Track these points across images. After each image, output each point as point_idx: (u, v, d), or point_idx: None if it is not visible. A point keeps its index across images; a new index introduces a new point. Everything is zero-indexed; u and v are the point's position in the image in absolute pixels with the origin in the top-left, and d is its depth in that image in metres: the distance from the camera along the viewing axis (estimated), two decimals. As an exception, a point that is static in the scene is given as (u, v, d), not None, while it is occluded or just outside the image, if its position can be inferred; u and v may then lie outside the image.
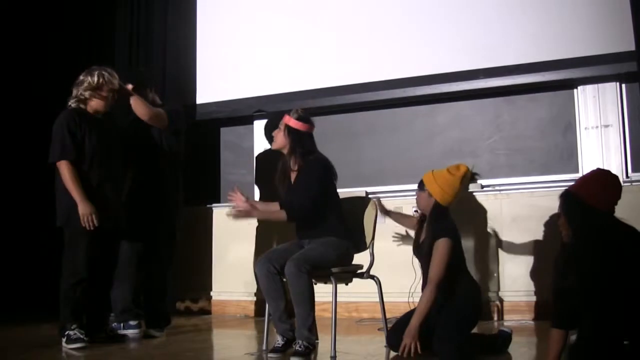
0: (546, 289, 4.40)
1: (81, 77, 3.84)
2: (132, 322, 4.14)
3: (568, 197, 2.35)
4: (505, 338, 3.32)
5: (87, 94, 3.81)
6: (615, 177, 2.39)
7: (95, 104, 3.84)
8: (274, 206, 3.59)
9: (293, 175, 3.62)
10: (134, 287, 4.21)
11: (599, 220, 2.28)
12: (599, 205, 2.28)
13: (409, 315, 3.30)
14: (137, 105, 3.98)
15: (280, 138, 3.59)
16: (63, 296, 3.70)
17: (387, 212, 3.82)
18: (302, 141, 3.56)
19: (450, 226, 3.29)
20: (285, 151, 3.61)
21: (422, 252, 3.33)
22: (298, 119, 3.57)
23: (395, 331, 3.32)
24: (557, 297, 2.35)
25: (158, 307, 4.20)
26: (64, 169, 3.68)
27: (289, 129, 3.56)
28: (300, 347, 3.24)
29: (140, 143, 4.16)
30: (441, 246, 3.19)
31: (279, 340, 3.39)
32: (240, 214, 3.50)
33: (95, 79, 3.81)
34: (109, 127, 3.97)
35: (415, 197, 3.44)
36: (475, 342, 3.26)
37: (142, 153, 4.16)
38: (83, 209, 3.64)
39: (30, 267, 5.56)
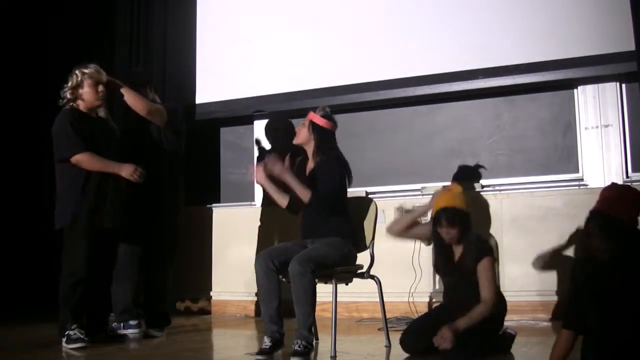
0: (546, 289, 4.41)
1: (67, 81, 3.90)
2: (132, 322, 4.14)
3: (600, 217, 2.37)
4: (508, 339, 3.31)
5: (68, 93, 3.85)
6: (637, 191, 2.42)
7: (82, 103, 3.86)
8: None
9: (309, 168, 3.63)
10: (135, 287, 4.20)
11: (632, 234, 2.31)
12: (628, 219, 2.32)
13: (424, 318, 3.30)
14: (133, 100, 3.99)
15: (303, 133, 3.61)
16: (62, 296, 3.71)
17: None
18: (325, 139, 3.59)
19: (488, 245, 3.31)
20: (307, 147, 3.62)
21: (459, 271, 3.26)
22: (324, 116, 3.60)
23: (411, 334, 3.31)
24: (575, 300, 2.36)
25: (158, 307, 4.19)
26: (84, 160, 3.72)
27: (314, 126, 3.58)
28: (299, 347, 3.23)
29: (140, 142, 4.16)
30: (488, 265, 3.18)
31: (266, 342, 3.32)
32: (274, 169, 3.51)
33: (74, 78, 3.86)
34: (106, 125, 3.97)
35: (447, 235, 3.25)
36: (479, 343, 3.24)
37: (142, 152, 4.16)
38: (126, 170, 3.74)
39: (30, 267, 5.56)
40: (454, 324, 3.06)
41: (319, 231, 3.49)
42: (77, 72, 3.86)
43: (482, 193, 4.73)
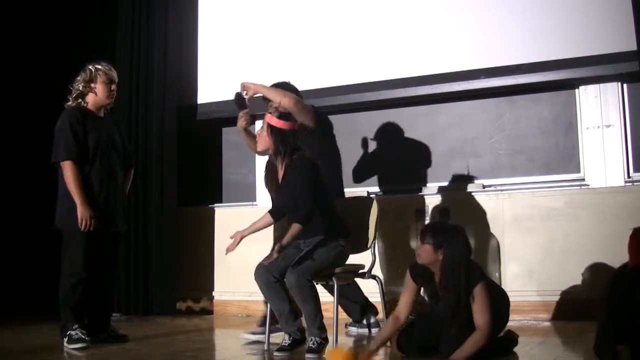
0: (548, 289, 4.41)
1: (78, 76, 3.89)
2: None
3: None
4: (510, 341, 3.30)
5: (81, 87, 3.84)
6: None
7: (91, 98, 3.86)
8: (266, 218, 3.61)
9: (280, 175, 3.59)
10: None
11: None
12: None
13: (421, 319, 3.30)
14: (276, 96, 3.98)
15: (264, 139, 3.54)
16: (63, 297, 3.71)
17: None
18: (286, 140, 3.51)
19: (475, 269, 3.07)
20: (270, 152, 3.57)
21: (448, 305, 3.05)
22: (280, 117, 3.54)
23: (406, 335, 3.30)
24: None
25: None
26: (68, 169, 3.69)
27: (272, 129, 3.52)
28: (313, 343, 3.28)
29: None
30: (480, 294, 2.98)
31: (286, 340, 3.39)
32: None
33: (88, 72, 3.86)
34: (112, 125, 3.97)
35: (420, 255, 3.10)
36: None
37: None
38: (82, 212, 3.64)
39: (31, 267, 5.57)
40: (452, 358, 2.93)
41: (309, 232, 3.46)
42: (90, 67, 3.87)
43: (483, 193, 4.73)
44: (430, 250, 3.05)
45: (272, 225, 3.68)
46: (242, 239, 3.62)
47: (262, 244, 5.05)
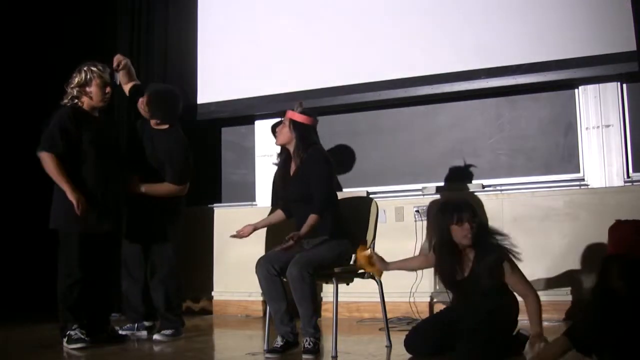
0: (548, 289, 4.41)
1: (72, 76, 3.87)
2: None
3: (620, 261, 2.43)
4: (522, 340, 3.29)
5: (74, 91, 3.83)
6: None
7: (86, 101, 3.85)
8: (278, 213, 3.74)
9: (293, 168, 3.63)
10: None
11: None
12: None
13: (432, 321, 3.31)
14: (155, 193, 4.00)
15: (285, 133, 3.60)
16: (61, 297, 3.71)
17: (386, 266, 3.51)
18: (306, 135, 3.58)
19: (498, 247, 3.18)
20: (290, 146, 3.61)
21: (473, 284, 3.15)
22: (302, 112, 3.59)
23: (416, 335, 3.30)
24: (589, 324, 2.39)
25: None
26: (47, 160, 3.66)
27: (294, 124, 3.57)
28: (309, 344, 3.30)
29: (143, 148, 4.13)
30: (511, 266, 3.17)
31: (278, 341, 3.40)
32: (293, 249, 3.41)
33: (83, 75, 3.84)
34: (107, 126, 3.96)
35: (467, 234, 3.14)
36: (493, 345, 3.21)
37: (146, 157, 4.12)
38: (73, 197, 3.61)
39: (31, 268, 5.56)
40: (538, 334, 3.02)
41: (314, 231, 3.47)
42: (85, 69, 3.85)
43: (483, 193, 4.73)
44: (471, 227, 3.14)
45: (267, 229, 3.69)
46: (254, 230, 3.70)
47: (261, 244, 5.08)
